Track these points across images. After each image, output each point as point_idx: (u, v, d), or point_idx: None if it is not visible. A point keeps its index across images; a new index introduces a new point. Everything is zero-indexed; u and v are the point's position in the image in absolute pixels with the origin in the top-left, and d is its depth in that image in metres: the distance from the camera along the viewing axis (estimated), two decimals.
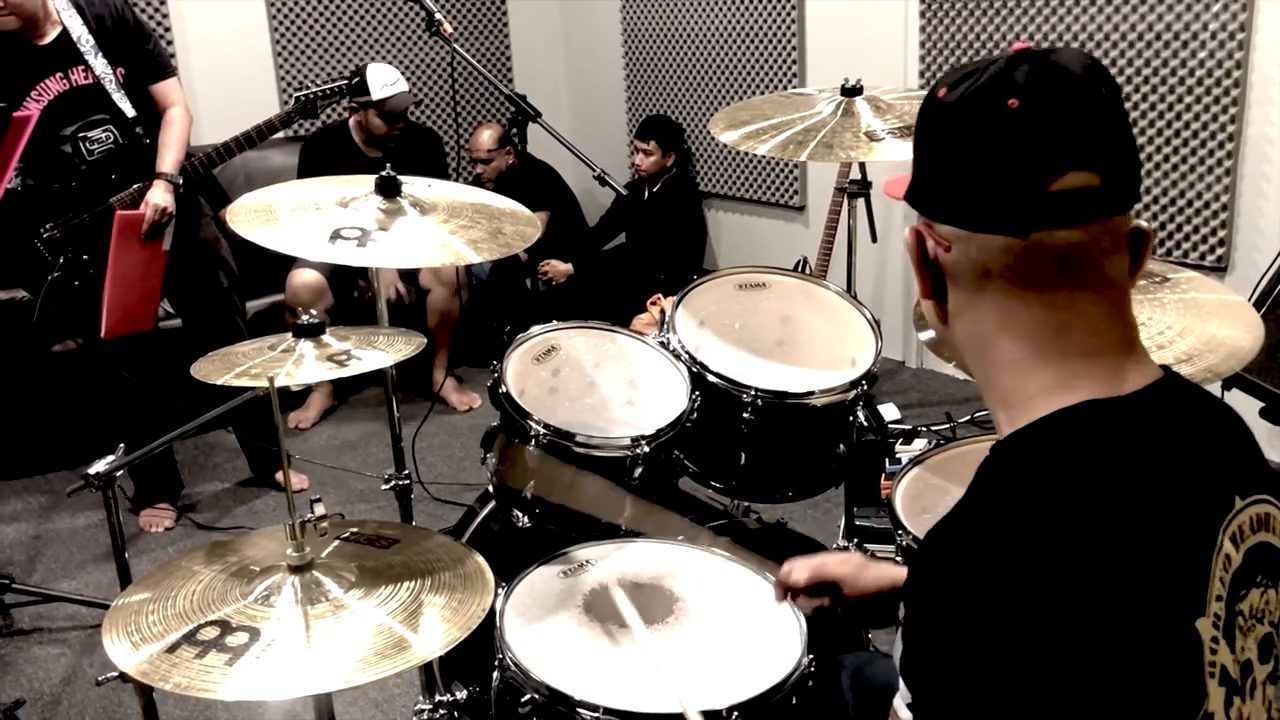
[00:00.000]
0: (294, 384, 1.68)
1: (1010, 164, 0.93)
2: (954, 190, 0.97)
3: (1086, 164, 0.93)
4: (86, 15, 3.13)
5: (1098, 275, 0.95)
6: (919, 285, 1.04)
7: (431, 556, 1.56)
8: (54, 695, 2.72)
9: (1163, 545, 0.88)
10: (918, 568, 0.94)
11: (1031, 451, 0.94)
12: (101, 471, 1.92)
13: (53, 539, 3.52)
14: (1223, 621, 0.91)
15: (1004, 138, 0.93)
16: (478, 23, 5.60)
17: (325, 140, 4.34)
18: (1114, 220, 0.95)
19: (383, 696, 2.64)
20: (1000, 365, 0.99)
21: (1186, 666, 0.88)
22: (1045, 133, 0.92)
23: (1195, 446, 0.95)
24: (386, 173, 1.95)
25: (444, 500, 3.59)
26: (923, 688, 0.93)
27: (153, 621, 1.40)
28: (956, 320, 1.03)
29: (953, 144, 0.96)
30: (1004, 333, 0.98)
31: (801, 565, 1.57)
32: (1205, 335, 1.79)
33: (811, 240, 4.52)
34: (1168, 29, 3.52)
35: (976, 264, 0.97)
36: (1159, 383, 0.98)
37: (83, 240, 3.13)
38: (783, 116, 2.52)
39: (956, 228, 0.97)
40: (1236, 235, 3.53)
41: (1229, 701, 0.91)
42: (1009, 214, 0.94)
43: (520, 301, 4.71)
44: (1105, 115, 0.94)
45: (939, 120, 0.98)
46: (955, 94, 0.96)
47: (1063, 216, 0.93)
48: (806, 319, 2.33)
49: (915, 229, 1.02)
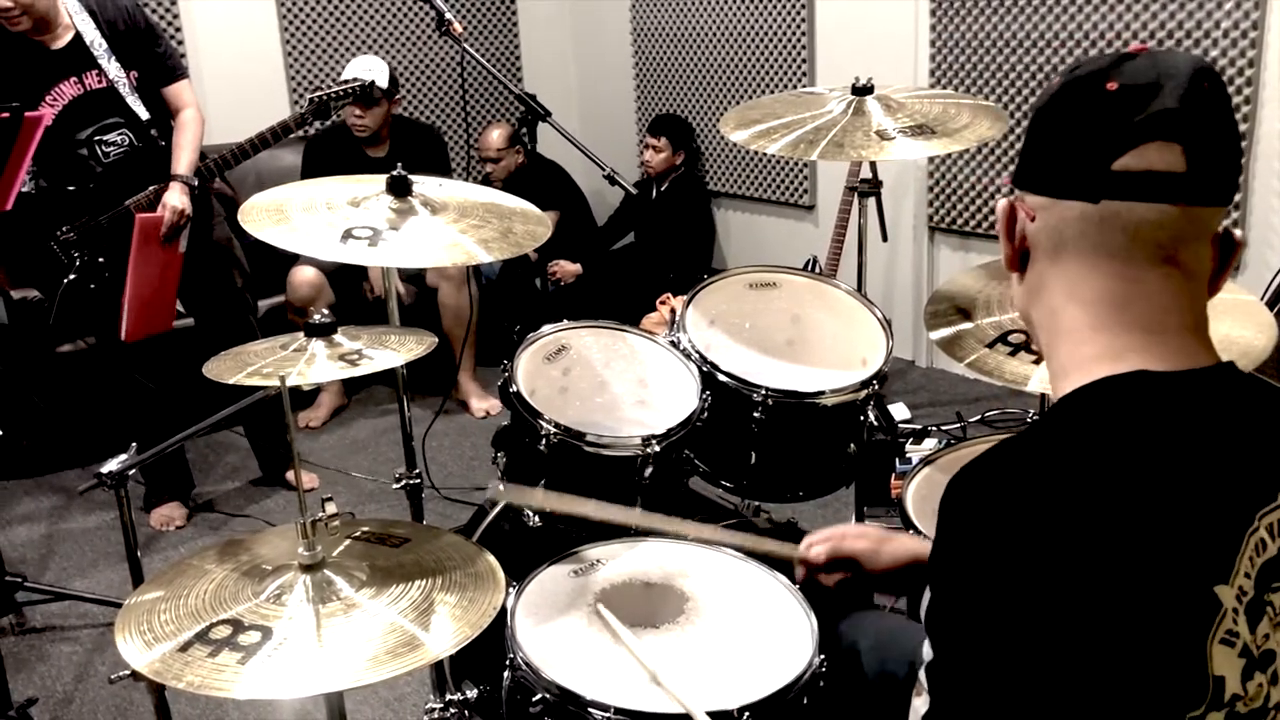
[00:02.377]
0: (305, 383, 1.69)
1: (1094, 135, 0.97)
2: (1044, 161, 1.02)
3: (1172, 142, 0.96)
4: (99, 19, 3.14)
5: (1170, 258, 0.98)
6: (1005, 255, 1.08)
7: (442, 555, 1.56)
8: (66, 693, 2.73)
9: (1192, 510, 0.90)
10: (947, 512, 0.95)
11: (1076, 412, 0.96)
12: (114, 470, 1.92)
13: (65, 538, 3.53)
14: (1248, 599, 0.92)
15: (1097, 112, 0.97)
16: (487, 22, 5.61)
17: (327, 140, 4.35)
18: (1197, 210, 0.98)
19: (393, 695, 2.65)
20: (1063, 333, 1.02)
21: (1197, 627, 0.89)
22: (1137, 109, 0.96)
23: (1242, 431, 0.96)
24: (398, 172, 1.95)
25: (455, 500, 3.59)
26: (943, 635, 0.94)
27: (165, 620, 1.40)
28: (1032, 294, 1.07)
29: (1050, 121, 1.02)
30: (1070, 301, 1.02)
31: (821, 540, 1.58)
32: (1218, 335, 1.77)
33: (821, 239, 4.51)
34: (1179, 27, 3.51)
35: (1055, 231, 1.02)
36: (1217, 367, 1.00)
37: (99, 243, 3.15)
38: (793, 115, 2.52)
39: (1041, 196, 1.02)
40: (1249, 234, 3.51)
41: (1248, 674, 0.92)
42: (1084, 180, 0.98)
43: (530, 301, 4.72)
44: (1201, 105, 0.97)
45: (1046, 102, 1.03)
46: (1067, 78, 1.02)
47: (1137, 191, 0.96)
48: (817, 318, 2.33)
49: (1009, 201, 1.06)
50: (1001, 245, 1.08)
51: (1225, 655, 0.90)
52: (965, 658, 0.92)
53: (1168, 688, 0.89)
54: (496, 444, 2.14)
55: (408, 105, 5.34)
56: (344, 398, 4.52)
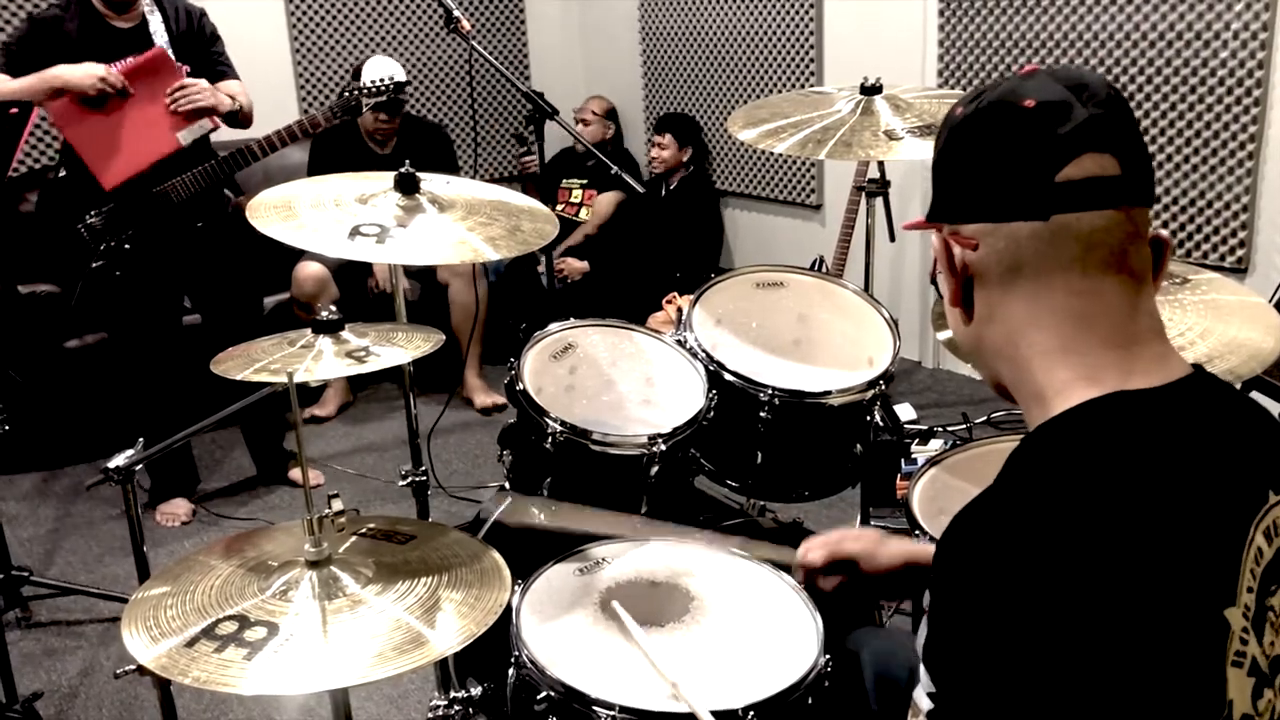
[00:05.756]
0: (313, 380, 1.69)
1: (1030, 152, 0.96)
2: (977, 188, 1.00)
3: (1104, 149, 0.96)
4: (165, 12, 3.28)
5: (1121, 262, 0.98)
6: (948, 291, 1.06)
7: (448, 552, 1.56)
8: (72, 688, 2.74)
9: (1192, 534, 0.89)
10: (944, 555, 0.95)
11: (1061, 441, 0.95)
12: (120, 465, 1.92)
13: (71, 532, 3.54)
14: (1252, 613, 0.91)
15: (1023, 131, 0.97)
16: (496, 21, 5.61)
17: (335, 137, 4.35)
18: (1135, 211, 0.98)
19: (398, 692, 2.65)
20: (1030, 360, 1.00)
21: (1212, 655, 0.88)
22: (1061, 121, 0.96)
23: (1227, 440, 0.96)
24: (405, 169, 1.96)
25: (461, 497, 3.59)
26: (946, 675, 0.93)
27: (171, 615, 1.40)
28: (986, 324, 1.04)
29: (972, 148, 1.00)
30: (1032, 325, 1.00)
31: (819, 545, 1.59)
32: (1226, 337, 1.78)
33: (828, 239, 4.51)
34: (1189, 29, 3.50)
35: (1005, 256, 0.99)
36: (1189, 378, 0.99)
37: (127, 229, 3.19)
38: (801, 115, 2.52)
39: (982, 223, 1.00)
40: (1257, 236, 3.50)
41: (1258, 693, 0.91)
42: (1031, 199, 0.96)
43: (536, 299, 4.72)
44: (1118, 108, 0.98)
45: (957, 133, 1.02)
46: (971, 107, 1.01)
47: (1084, 200, 0.96)
48: (824, 318, 2.32)
49: (943, 238, 1.04)
50: (945, 281, 1.06)
51: (1236, 677, 0.89)
52: (976, 701, 0.90)
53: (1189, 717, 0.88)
54: (503, 442, 2.14)
55: (415, 103, 5.34)
56: (350, 394, 4.53)
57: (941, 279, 1.07)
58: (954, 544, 0.93)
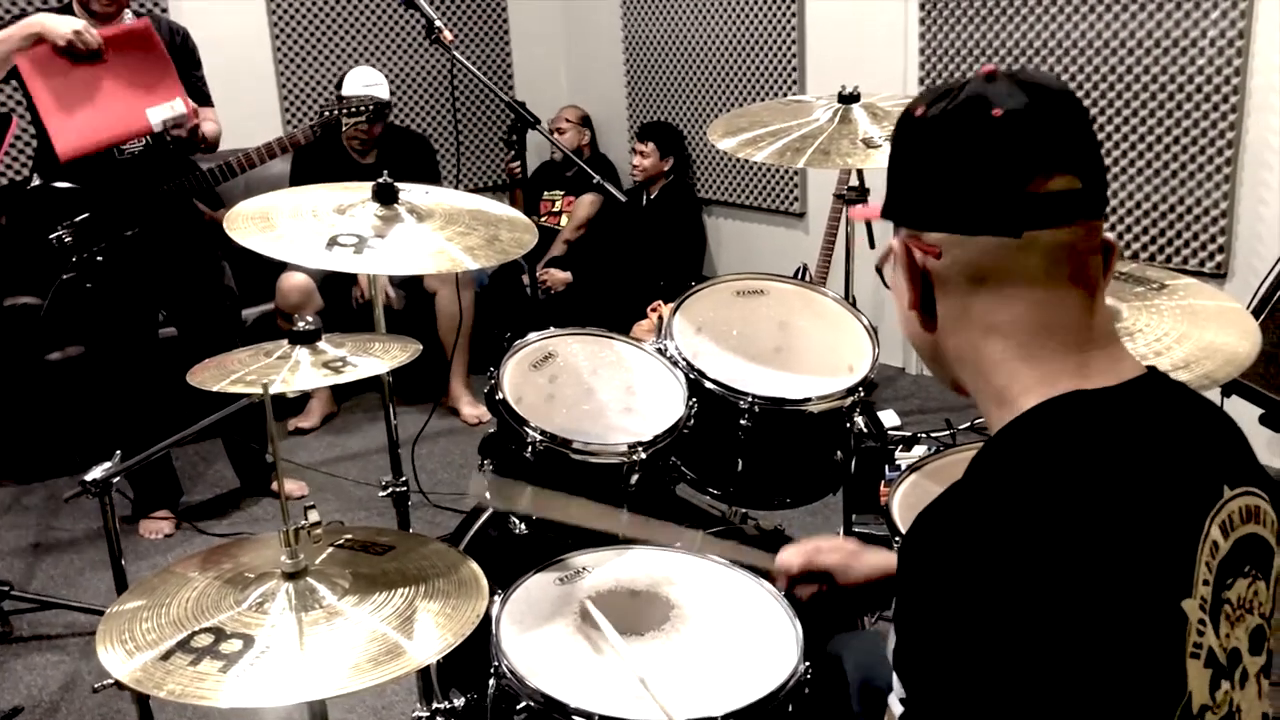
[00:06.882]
0: (289, 391, 1.68)
1: (1000, 167, 0.96)
2: (944, 198, 1.00)
3: (1069, 167, 0.97)
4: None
5: (1082, 274, 0.99)
6: (908, 296, 1.05)
7: (426, 563, 1.56)
8: (52, 702, 2.72)
9: (1148, 528, 0.90)
10: (907, 554, 0.95)
11: (1019, 441, 0.96)
12: (99, 478, 1.91)
13: (51, 545, 3.52)
14: (1209, 605, 0.92)
15: (993, 143, 0.97)
16: (478, 30, 5.61)
17: (316, 148, 4.35)
18: (1093, 222, 0.99)
19: (380, 703, 2.64)
20: (991, 366, 1.01)
21: (1171, 646, 0.90)
22: (1032, 136, 0.96)
23: (1182, 436, 0.98)
24: (384, 179, 1.95)
25: (443, 507, 3.58)
26: (914, 676, 0.94)
27: (147, 629, 1.40)
28: (947, 330, 1.04)
29: (939, 155, 0.99)
30: (993, 333, 1.00)
31: (795, 553, 1.60)
32: (1203, 341, 1.79)
33: (812, 247, 4.52)
34: (1166, 36, 3.52)
35: (969, 267, 1.00)
36: (1144, 377, 1.00)
37: (99, 240, 3.18)
38: (780, 123, 2.52)
39: (948, 233, 1.00)
40: (1236, 242, 3.52)
41: (1215, 684, 0.92)
42: (1003, 215, 0.97)
43: (521, 308, 4.71)
44: (1081, 123, 0.99)
45: (921, 135, 1.01)
46: (936, 109, 1.00)
47: (1052, 217, 0.97)
48: (804, 326, 2.33)
49: (903, 241, 1.04)
50: (904, 287, 1.05)
51: (1194, 668, 0.91)
52: (943, 701, 0.91)
53: (1150, 710, 0.89)
54: (483, 451, 2.14)
55: (398, 113, 5.34)
56: (334, 405, 4.52)
57: (893, 276, 1.07)
58: (916, 543, 0.94)
